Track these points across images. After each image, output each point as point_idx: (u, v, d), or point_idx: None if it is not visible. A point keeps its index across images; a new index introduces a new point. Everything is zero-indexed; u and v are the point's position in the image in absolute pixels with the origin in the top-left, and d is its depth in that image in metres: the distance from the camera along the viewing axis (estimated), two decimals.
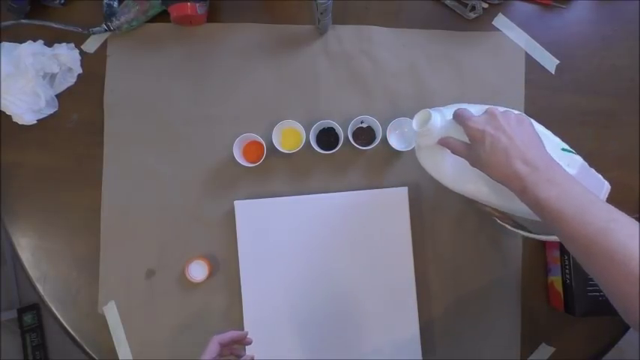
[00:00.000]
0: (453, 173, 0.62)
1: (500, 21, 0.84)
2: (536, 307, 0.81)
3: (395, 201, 0.79)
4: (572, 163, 0.57)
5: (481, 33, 0.84)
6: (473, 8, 0.82)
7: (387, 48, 0.84)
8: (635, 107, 0.83)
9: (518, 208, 0.54)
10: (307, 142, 0.81)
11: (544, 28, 0.84)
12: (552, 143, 0.58)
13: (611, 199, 0.84)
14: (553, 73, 0.84)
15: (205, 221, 0.81)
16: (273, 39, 0.84)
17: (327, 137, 0.82)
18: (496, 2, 0.83)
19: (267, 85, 0.84)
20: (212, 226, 0.81)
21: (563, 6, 0.84)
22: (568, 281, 0.75)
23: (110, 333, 0.80)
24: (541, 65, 0.84)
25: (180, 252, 0.81)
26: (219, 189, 0.82)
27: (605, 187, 0.59)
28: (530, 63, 0.84)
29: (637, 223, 0.44)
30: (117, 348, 0.80)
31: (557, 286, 0.78)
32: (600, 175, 0.59)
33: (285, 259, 0.79)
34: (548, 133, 0.60)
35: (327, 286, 0.79)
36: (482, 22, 0.84)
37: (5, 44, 0.79)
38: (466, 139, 0.56)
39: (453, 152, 0.59)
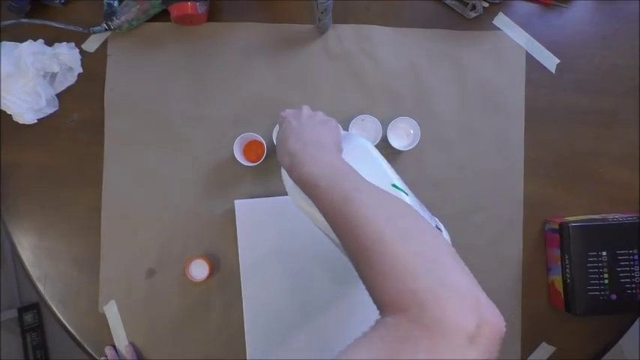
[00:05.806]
0: (292, 187, 0.55)
1: (501, 20, 0.84)
2: (536, 307, 0.81)
3: None
4: None
5: (481, 32, 0.84)
6: (473, 7, 0.82)
7: (387, 47, 0.84)
8: (635, 107, 0.83)
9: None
10: None
11: (545, 28, 0.84)
12: (384, 176, 0.52)
13: (612, 199, 0.85)
14: (553, 72, 0.84)
15: (205, 221, 0.81)
16: (273, 38, 0.84)
17: None
18: (497, 1, 0.83)
19: (268, 84, 0.84)
20: (212, 226, 0.81)
21: (564, 5, 0.84)
22: (568, 280, 0.75)
23: (111, 332, 0.80)
24: (541, 64, 0.84)
25: (180, 251, 0.81)
26: (220, 188, 0.82)
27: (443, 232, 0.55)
28: (531, 62, 0.84)
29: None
30: (117, 347, 0.80)
31: (558, 285, 0.78)
32: (435, 219, 0.54)
33: (285, 259, 0.79)
34: (386, 166, 0.55)
35: (327, 286, 0.78)
36: (482, 22, 0.84)
37: (5, 44, 0.79)
38: None
39: None
